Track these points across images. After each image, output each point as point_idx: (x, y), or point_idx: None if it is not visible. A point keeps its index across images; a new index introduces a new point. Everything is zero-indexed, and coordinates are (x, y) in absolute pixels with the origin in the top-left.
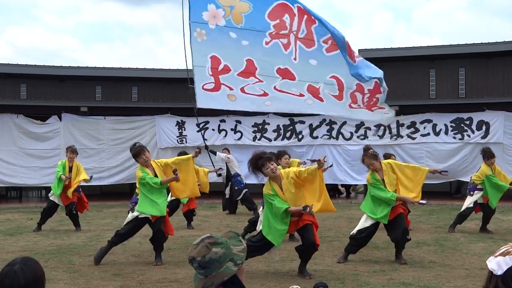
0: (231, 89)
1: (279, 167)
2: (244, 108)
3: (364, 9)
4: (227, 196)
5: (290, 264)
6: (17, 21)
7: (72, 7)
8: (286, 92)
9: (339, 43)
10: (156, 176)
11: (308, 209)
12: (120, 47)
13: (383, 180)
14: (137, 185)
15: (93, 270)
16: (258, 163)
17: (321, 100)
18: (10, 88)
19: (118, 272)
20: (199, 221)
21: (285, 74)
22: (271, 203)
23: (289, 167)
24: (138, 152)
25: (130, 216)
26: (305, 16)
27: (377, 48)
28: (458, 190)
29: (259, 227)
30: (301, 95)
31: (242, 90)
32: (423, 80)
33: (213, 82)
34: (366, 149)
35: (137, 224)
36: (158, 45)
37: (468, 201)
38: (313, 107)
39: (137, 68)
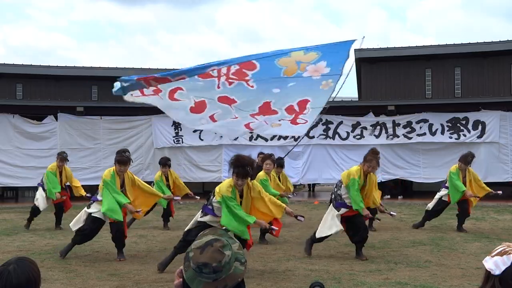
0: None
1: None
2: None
3: (358, 8)
4: None
5: (286, 263)
6: (10, 20)
7: (65, 6)
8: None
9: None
10: (123, 185)
11: (273, 232)
12: (114, 46)
13: None
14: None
15: (89, 270)
16: (245, 170)
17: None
18: (5, 88)
19: (114, 272)
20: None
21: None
22: (229, 205)
23: (269, 173)
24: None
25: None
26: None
27: (373, 48)
28: None
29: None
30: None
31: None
32: (419, 80)
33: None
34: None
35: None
36: (152, 45)
37: (435, 197)
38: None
39: (133, 67)
